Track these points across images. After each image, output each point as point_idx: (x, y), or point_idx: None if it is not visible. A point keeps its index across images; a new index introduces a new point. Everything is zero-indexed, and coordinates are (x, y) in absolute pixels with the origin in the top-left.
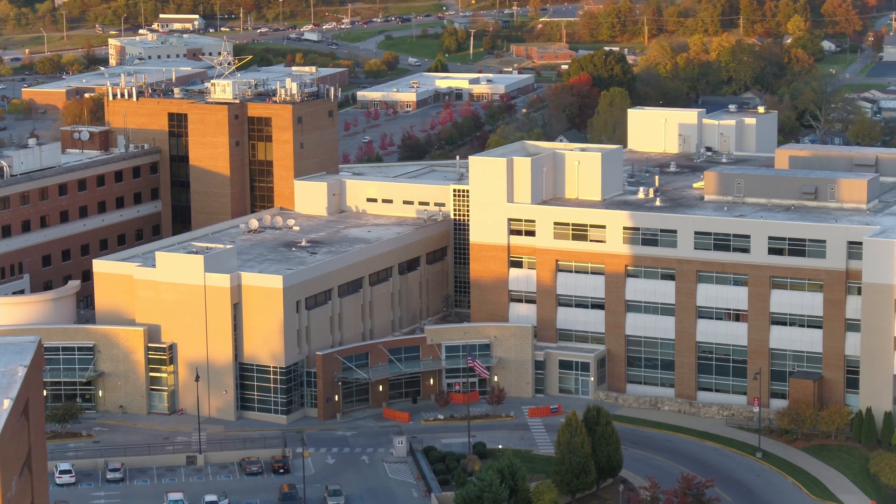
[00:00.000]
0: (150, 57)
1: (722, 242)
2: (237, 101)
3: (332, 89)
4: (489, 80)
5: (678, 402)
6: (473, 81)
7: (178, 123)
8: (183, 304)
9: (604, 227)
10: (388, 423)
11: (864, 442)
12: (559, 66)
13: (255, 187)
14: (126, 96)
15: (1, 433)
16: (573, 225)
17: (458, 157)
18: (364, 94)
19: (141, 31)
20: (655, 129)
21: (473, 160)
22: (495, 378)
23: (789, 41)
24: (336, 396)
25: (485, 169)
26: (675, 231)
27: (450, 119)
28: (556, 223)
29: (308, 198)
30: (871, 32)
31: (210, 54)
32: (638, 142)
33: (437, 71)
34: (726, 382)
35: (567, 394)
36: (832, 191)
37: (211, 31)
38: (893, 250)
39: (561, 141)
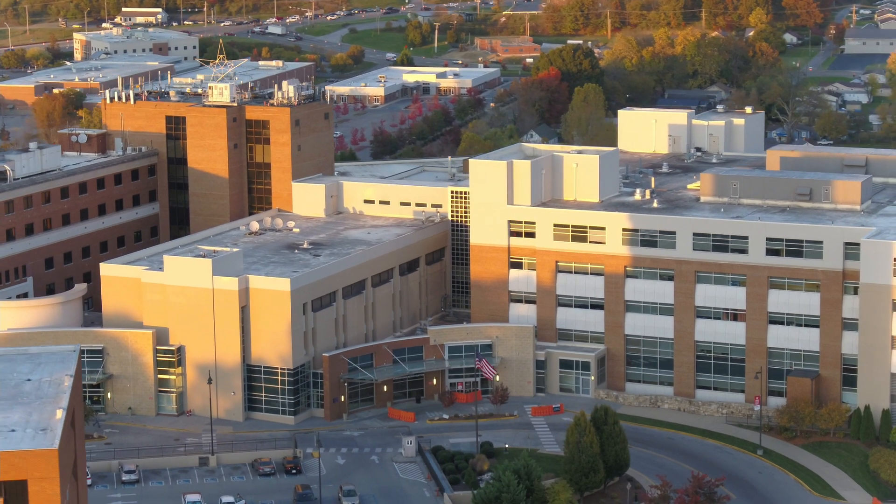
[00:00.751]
0: (115, 52)
1: (720, 243)
2: (234, 104)
3: (327, 92)
4: (456, 75)
5: (678, 401)
6: (441, 76)
7: (175, 126)
8: (191, 307)
9: (603, 228)
10: (395, 423)
11: (862, 439)
12: (524, 59)
13: (252, 189)
14: (124, 99)
15: (60, 443)
16: (573, 227)
17: (449, 157)
18: (332, 89)
19: (104, 24)
20: (646, 130)
21: (474, 163)
22: (497, 378)
23: (751, 34)
24: (342, 397)
25: (485, 171)
26: (673, 232)
27: (419, 114)
28: (555, 225)
29: (306, 199)
30: (832, 25)
31: (176, 48)
32: (628, 142)
33: (403, 65)
34: (724, 381)
35: (567, 393)
36: (826, 192)
37: (174, 24)
38: (890, 251)
39: (531, 136)
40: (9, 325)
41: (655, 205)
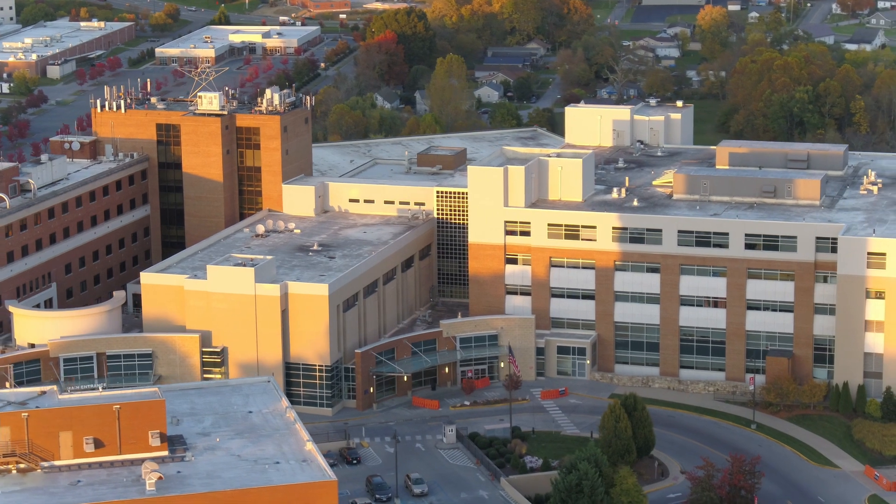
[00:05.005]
0: None
1: (703, 239)
2: (224, 112)
3: (309, 98)
4: (280, 34)
5: (667, 381)
6: (266, 35)
7: (166, 133)
8: (234, 312)
9: (594, 227)
10: (423, 412)
11: (841, 411)
12: (338, 15)
13: (243, 191)
14: (115, 108)
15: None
16: (566, 226)
17: (406, 151)
18: (162, 51)
19: None
20: (591, 125)
21: (472, 169)
22: (502, 364)
23: None
24: (371, 389)
25: (483, 177)
26: (660, 230)
27: (256, 76)
28: (549, 224)
29: (296, 200)
30: None
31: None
32: (575, 136)
33: (221, 23)
34: (706, 361)
35: (564, 375)
36: (789, 189)
37: None
38: (865, 247)
39: (377, 101)
40: (62, 333)
41: (635, 203)
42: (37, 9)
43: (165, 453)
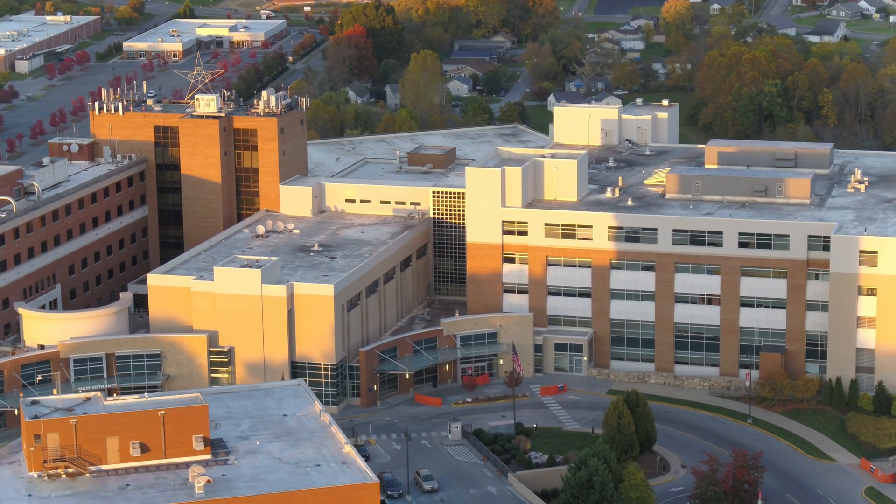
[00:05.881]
0: None
1: (697, 238)
2: (222, 114)
3: (304, 100)
4: (246, 28)
5: (663, 376)
6: (233, 28)
7: (164, 135)
8: (240, 313)
9: (591, 226)
10: (426, 409)
11: (834, 405)
12: (302, 8)
13: (240, 192)
14: (113, 110)
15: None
16: (562, 225)
17: (397, 151)
18: (130, 45)
19: None
20: (580, 124)
21: (470, 171)
22: (501, 362)
23: None
24: (375, 386)
25: (480, 177)
26: (655, 229)
27: (226, 70)
28: (546, 224)
29: (293, 200)
30: None
31: None
32: (564, 136)
33: (186, 16)
34: (700, 357)
35: (562, 372)
36: (780, 189)
37: None
38: (857, 245)
39: (350, 96)
40: (71, 335)
41: (630, 202)
42: (1, 2)
43: (209, 457)
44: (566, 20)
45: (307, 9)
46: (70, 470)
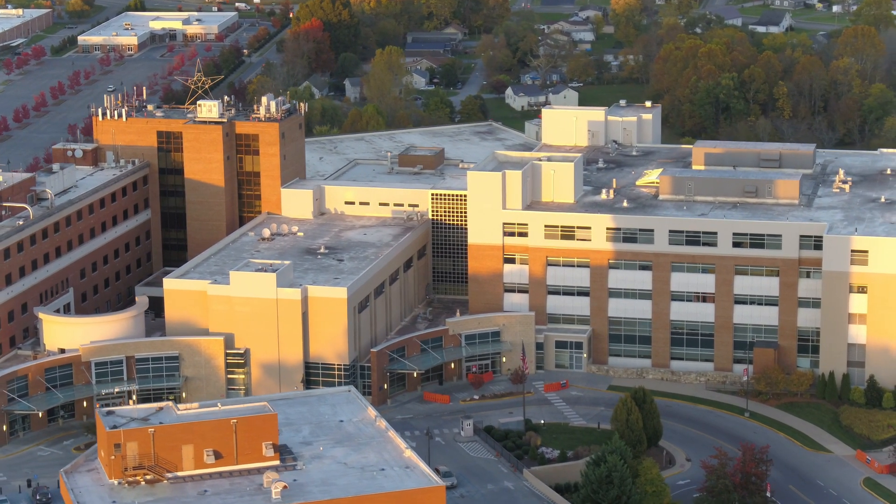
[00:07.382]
0: None
1: (693, 238)
2: (224, 119)
3: (302, 105)
4: (199, 20)
5: (660, 372)
6: (186, 21)
7: (167, 140)
8: (256, 315)
9: (589, 227)
10: (435, 406)
11: (827, 398)
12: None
13: (242, 195)
14: (116, 116)
15: None
16: (562, 227)
17: (388, 152)
18: (85, 39)
19: None
20: (567, 126)
21: (471, 174)
22: (504, 359)
23: None
24: (385, 385)
25: (482, 181)
26: (652, 230)
27: (183, 64)
28: (546, 225)
29: (294, 203)
30: None
31: None
32: (552, 137)
33: (137, 9)
34: (696, 353)
35: (562, 368)
36: (770, 189)
37: None
38: (848, 244)
39: (313, 92)
40: (91, 338)
41: (625, 204)
42: None
43: (277, 463)
44: (516, 12)
45: (257, 0)
46: (149, 477)
